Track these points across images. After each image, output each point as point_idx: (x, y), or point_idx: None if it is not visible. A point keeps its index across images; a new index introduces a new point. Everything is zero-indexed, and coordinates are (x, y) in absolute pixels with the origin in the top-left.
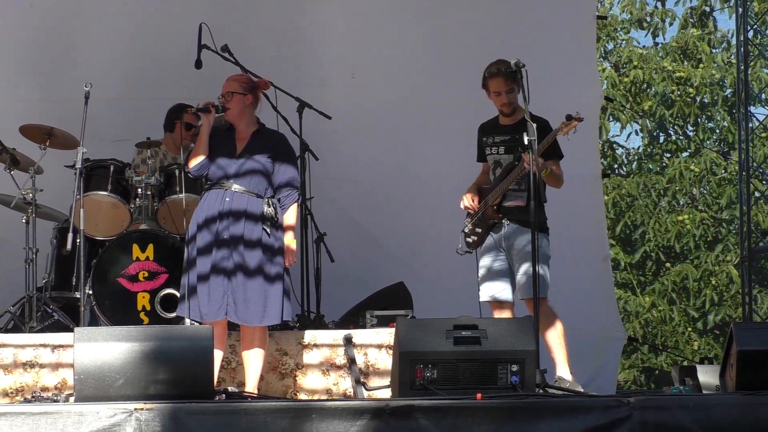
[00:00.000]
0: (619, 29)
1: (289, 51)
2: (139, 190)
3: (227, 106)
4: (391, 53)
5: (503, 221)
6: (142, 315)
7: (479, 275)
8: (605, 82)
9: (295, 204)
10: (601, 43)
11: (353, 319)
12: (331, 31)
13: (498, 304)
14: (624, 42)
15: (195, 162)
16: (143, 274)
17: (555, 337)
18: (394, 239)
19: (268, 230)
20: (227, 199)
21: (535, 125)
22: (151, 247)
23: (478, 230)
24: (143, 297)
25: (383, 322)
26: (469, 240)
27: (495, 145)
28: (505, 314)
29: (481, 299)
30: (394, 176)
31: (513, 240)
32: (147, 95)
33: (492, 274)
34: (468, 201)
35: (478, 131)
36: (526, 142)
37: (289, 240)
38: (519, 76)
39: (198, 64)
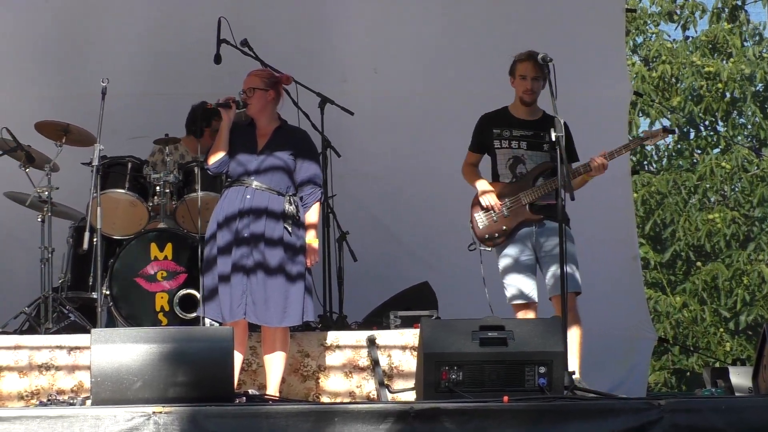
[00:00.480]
0: (648, 22)
1: (310, 45)
2: (158, 187)
3: (248, 101)
4: (414, 47)
5: (534, 222)
6: (160, 316)
7: (503, 266)
8: (634, 76)
9: (318, 202)
10: (630, 37)
11: (376, 319)
12: (352, 24)
13: (525, 305)
14: (654, 35)
15: (215, 158)
16: (162, 273)
17: (577, 339)
18: (418, 237)
19: (290, 228)
20: (248, 196)
21: (563, 121)
22: (169, 246)
23: (504, 228)
24: (162, 297)
25: (407, 323)
26: (492, 235)
27: (514, 139)
28: (530, 315)
29: (508, 293)
30: (417, 173)
31: (546, 239)
32: (165, 91)
33: (520, 268)
34: (490, 200)
35: (481, 121)
36: (552, 138)
37: (311, 239)
38: (546, 70)
39: (217, 59)
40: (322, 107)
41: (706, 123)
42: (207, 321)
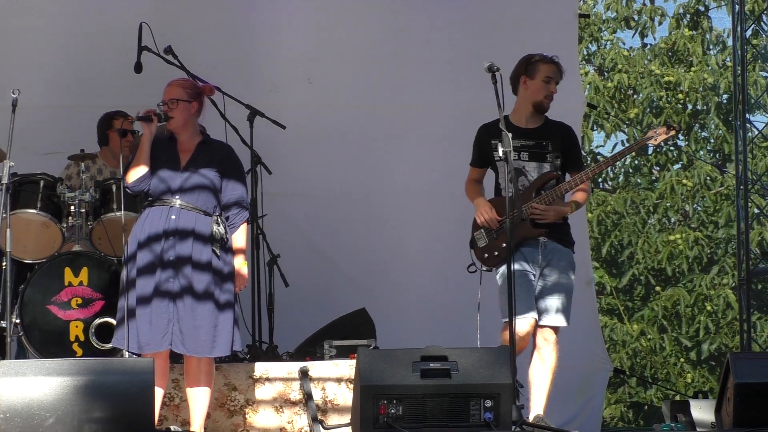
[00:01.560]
0: (603, 29)
1: (239, 53)
2: (72, 207)
3: (170, 114)
4: (352, 55)
5: (540, 238)
6: (75, 346)
7: (502, 282)
8: (588, 87)
9: (245, 224)
10: (584, 44)
11: (310, 349)
12: (284, 30)
13: (529, 327)
14: (609, 43)
15: (135, 175)
16: (76, 300)
17: (549, 375)
18: (355, 261)
19: (218, 252)
20: (173, 216)
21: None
22: (85, 270)
23: (504, 245)
24: (76, 326)
25: (343, 353)
26: (491, 254)
27: (514, 150)
28: (524, 339)
29: (519, 315)
30: (355, 192)
31: (551, 259)
32: (82, 102)
33: (524, 287)
34: (487, 214)
35: (479, 132)
36: (500, 155)
37: (240, 264)
38: (493, 81)
39: (138, 68)
40: (252, 120)
41: None
42: (126, 352)
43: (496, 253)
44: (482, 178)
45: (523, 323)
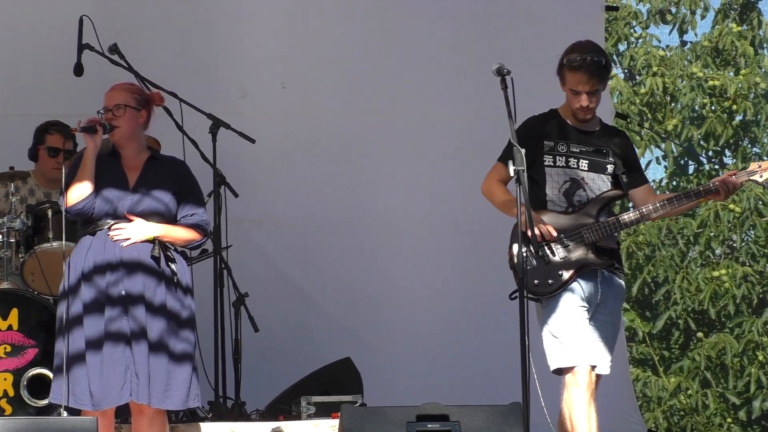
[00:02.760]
0: (634, 24)
1: (199, 52)
2: None
3: (115, 123)
4: (334, 55)
5: (599, 270)
6: (2, 403)
7: (551, 322)
8: (616, 93)
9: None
10: (610, 42)
11: (284, 407)
12: (254, 26)
13: (574, 369)
14: (640, 41)
15: (78, 197)
16: (4, 348)
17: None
18: (338, 300)
19: (174, 289)
20: (123, 244)
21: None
22: (14, 312)
23: (560, 273)
24: (5, 379)
25: (324, 411)
26: (544, 282)
27: (572, 156)
28: (583, 381)
29: (554, 357)
30: (337, 217)
31: (608, 295)
32: (11, 110)
33: (573, 323)
34: (544, 228)
35: (528, 126)
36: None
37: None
38: (503, 86)
39: (78, 70)
40: (214, 132)
41: (709, 152)
42: (63, 411)
43: (550, 282)
44: (509, 181)
45: (582, 374)
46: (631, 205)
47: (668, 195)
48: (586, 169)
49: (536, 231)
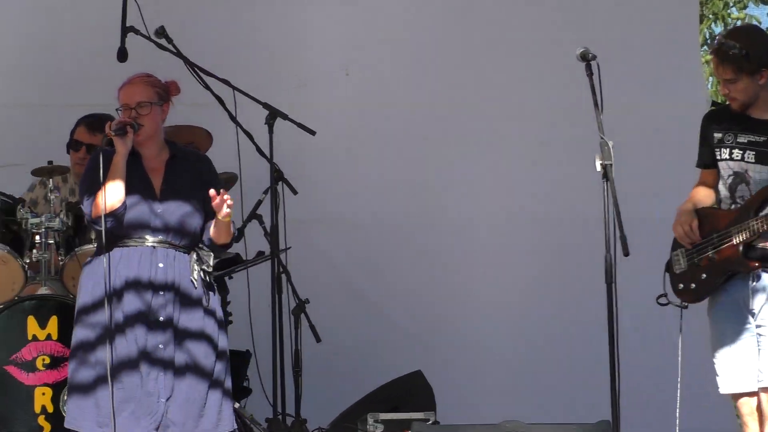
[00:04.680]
0: (731, 4)
1: (255, 35)
2: (38, 237)
3: (140, 121)
4: (404, 38)
5: (757, 272)
6: (41, 420)
7: (715, 337)
8: (711, 79)
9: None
10: (705, 24)
11: (349, 425)
12: (315, 9)
13: (745, 394)
14: (738, 22)
15: (112, 206)
16: (43, 360)
17: None
18: (407, 308)
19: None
20: (160, 264)
21: None
22: (53, 320)
23: (704, 276)
24: (43, 393)
25: (393, 429)
26: (687, 286)
27: (738, 146)
28: (751, 411)
29: (720, 379)
30: (406, 218)
31: (766, 302)
32: (49, 101)
33: (734, 338)
34: (687, 226)
35: (703, 123)
36: (598, 169)
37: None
38: (588, 72)
39: (122, 55)
40: (271, 123)
41: None
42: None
43: (693, 286)
44: (714, 182)
45: (751, 399)
46: None
47: None
48: (752, 161)
49: (677, 231)
